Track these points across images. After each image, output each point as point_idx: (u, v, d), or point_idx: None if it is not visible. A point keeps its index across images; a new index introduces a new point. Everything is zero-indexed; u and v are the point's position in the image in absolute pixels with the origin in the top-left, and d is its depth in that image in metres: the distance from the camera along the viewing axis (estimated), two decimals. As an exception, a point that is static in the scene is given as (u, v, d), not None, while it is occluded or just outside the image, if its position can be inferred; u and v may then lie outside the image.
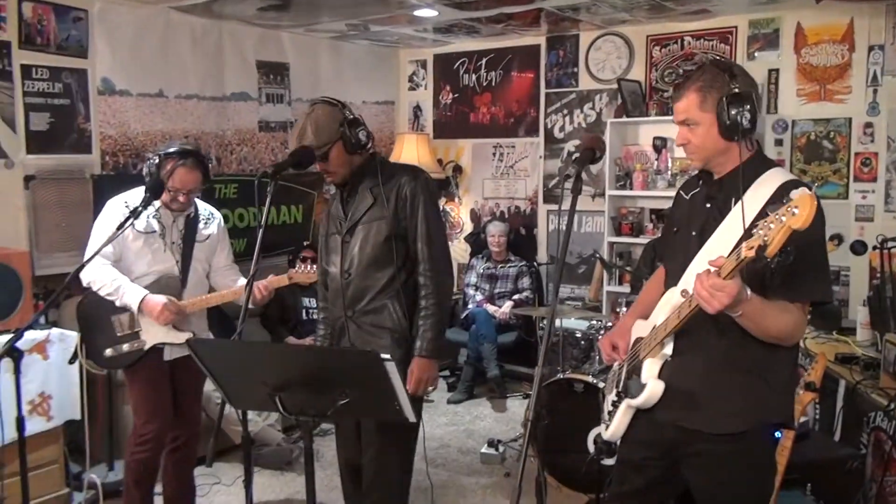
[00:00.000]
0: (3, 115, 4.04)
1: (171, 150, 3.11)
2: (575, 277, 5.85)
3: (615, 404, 2.29)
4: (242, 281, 3.28)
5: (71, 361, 3.38)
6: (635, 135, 5.49)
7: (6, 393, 2.53)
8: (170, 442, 3.36)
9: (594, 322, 4.41)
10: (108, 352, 3.18)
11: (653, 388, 2.07)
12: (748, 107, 1.95)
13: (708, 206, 2.10)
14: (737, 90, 1.96)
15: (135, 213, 2.76)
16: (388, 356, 1.78)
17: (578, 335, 4.41)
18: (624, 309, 4.14)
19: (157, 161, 3.06)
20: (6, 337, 3.34)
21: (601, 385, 3.54)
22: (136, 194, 3.07)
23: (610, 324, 4.22)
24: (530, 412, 1.84)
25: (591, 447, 3.61)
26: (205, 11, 4.82)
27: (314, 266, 3.05)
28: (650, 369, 2.10)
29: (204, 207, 3.35)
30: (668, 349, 2.09)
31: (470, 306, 5.63)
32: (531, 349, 5.43)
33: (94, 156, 4.45)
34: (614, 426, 2.26)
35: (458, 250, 6.42)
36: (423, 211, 2.62)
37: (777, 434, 2.70)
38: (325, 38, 5.80)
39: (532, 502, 3.72)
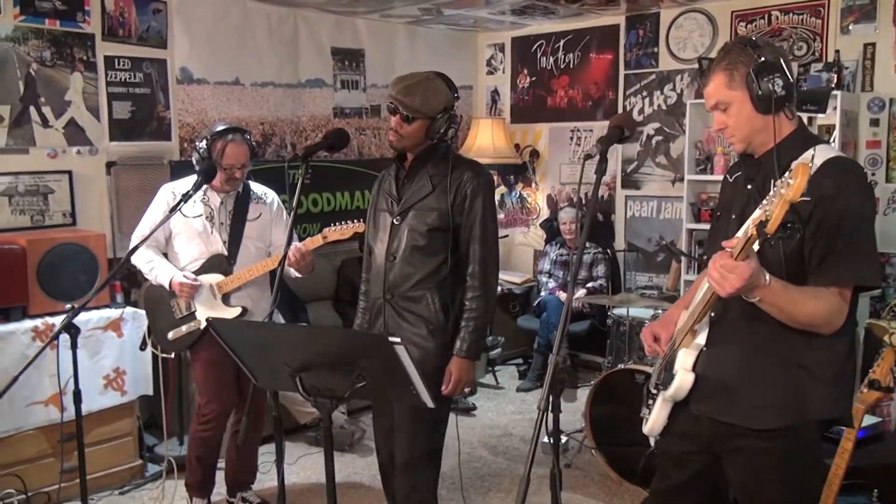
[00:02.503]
0: (88, 104, 4.25)
1: (217, 129, 3.20)
2: (653, 266, 5.65)
3: (653, 397, 2.20)
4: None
5: (142, 348, 3.54)
6: (718, 116, 5.22)
7: (80, 369, 2.63)
8: (233, 422, 3.47)
9: (659, 311, 4.24)
10: (171, 334, 3.31)
11: (682, 378, 1.97)
12: (778, 74, 1.83)
13: (749, 187, 1.98)
14: (763, 60, 1.84)
15: (185, 198, 2.84)
16: (397, 339, 1.75)
17: (646, 324, 4.25)
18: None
19: (207, 144, 3.15)
20: (83, 315, 3.54)
21: (662, 377, 3.40)
22: (185, 182, 3.17)
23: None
24: (542, 401, 1.77)
25: (652, 441, 3.49)
26: (281, -1, 4.92)
27: (350, 222, 3.04)
28: (683, 360, 2.01)
29: (257, 187, 3.43)
30: (702, 339, 1.98)
31: (542, 294, 5.53)
32: (605, 338, 5.28)
33: (172, 143, 4.63)
34: (652, 420, 2.19)
35: (534, 237, 6.32)
36: (481, 212, 2.59)
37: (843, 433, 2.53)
38: (401, 24, 5.80)
39: (590, 495, 3.67)
